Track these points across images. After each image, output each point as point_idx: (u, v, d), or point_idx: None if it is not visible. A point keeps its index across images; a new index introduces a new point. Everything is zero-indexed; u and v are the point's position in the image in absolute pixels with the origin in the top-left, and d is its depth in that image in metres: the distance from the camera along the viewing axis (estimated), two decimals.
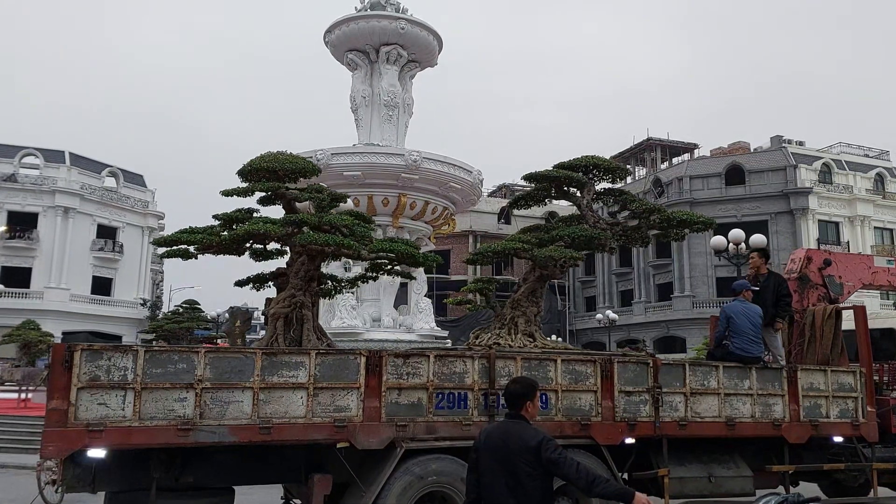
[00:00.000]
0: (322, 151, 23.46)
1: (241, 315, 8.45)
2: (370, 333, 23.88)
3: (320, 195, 7.20)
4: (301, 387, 5.92)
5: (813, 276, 9.44)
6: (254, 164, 7.16)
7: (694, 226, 8.31)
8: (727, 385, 7.52)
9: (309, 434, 5.91)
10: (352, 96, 28.08)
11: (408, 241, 7.15)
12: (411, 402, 6.24)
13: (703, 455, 7.54)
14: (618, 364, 6.99)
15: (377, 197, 23.89)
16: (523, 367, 6.62)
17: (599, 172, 8.48)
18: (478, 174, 25.53)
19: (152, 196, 49.01)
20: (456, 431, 6.28)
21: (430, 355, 6.32)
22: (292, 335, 6.93)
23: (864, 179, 44.90)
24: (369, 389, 6.08)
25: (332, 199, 7.39)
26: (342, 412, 6.01)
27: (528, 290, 8.17)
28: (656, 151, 55.01)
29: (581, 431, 6.77)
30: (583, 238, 7.86)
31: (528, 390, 4.09)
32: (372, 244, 6.85)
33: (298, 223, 6.59)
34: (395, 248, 6.79)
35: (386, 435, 6.09)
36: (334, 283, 7.66)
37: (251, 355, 5.85)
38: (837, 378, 8.13)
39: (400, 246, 6.81)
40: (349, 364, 6.09)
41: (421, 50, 27.70)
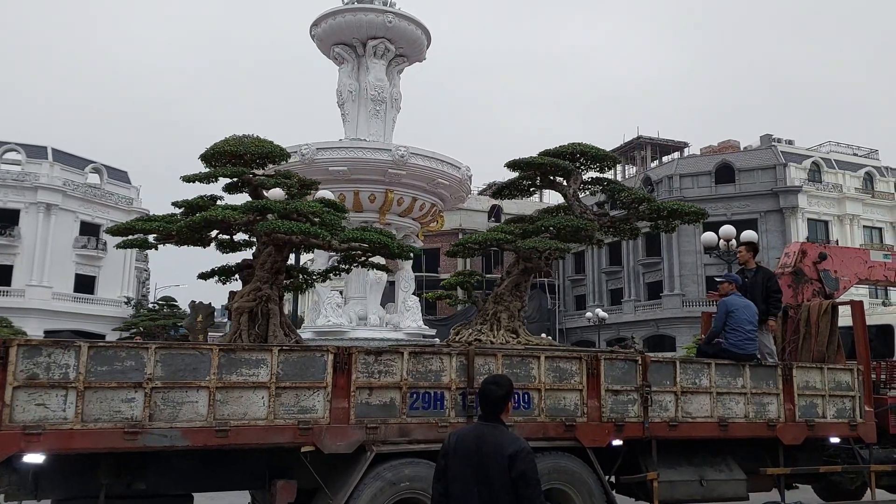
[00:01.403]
0: (307, 146, 23.00)
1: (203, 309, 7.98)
2: (356, 332, 23.42)
3: (289, 181, 6.74)
4: (262, 386, 5.48)
5: (808, 271, 9.08)
6: (217, 147, 6.70)
7: (685, 217, 7.91)
8: (720, 384, 7.14)
9: (270, 437, 5.47)
10: (338, 91, 27.62)
11: (382, 231, 6.71)
12: (383, 402, 5.81)
13: (694, 457, 7.16)
14: (605, 361, 6.59)
15: (363, 193, 23.44)
16: (504, 365, 6.21)
17: (586, 160, 8.06)
18: (466, 170, 25.12)
19: (137, 193, 48.26)
20: (431, 434, 5.85)
21: (403, 352, 5.89)
22: (257, 331, 6.49)
23: (853, 178, 44.83)
24: (337, 389, 5.65)
25: (302, 185, 6.93)
26: (307, 413, 5.57)
27: (511, 284, 7.74)
28: (646, 150, 54.79)
29: (566, 433, 6.35)
30: (569, 229, 7.44)
31: (510, 391, 3.68)
32: (343, 233, 6.39)
33: (262, 210, 6.14)
34: (368, 237, 6.34)
35: (355, 438, 5.65)
36: (304, 275, 7.20)
37: (207, 352, 5.40)
38: (834, 376, 7.76)
39: (373, 235, 6.36)
40: (315, 362, 5.65)
41: (409, 44, 27.24)
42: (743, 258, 8.59)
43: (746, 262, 8.51)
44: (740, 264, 8.59)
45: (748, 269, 8.41)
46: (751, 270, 8.35)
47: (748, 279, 8.10)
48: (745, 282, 8.01)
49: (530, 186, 8.17)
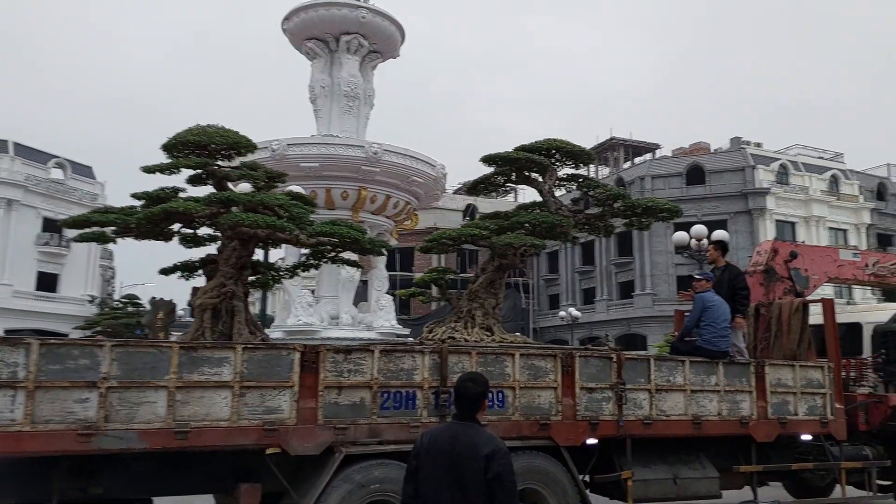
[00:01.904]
0: (277, 141, 22.59)
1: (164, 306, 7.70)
2: (328, 331, 23.07)
3: (255, 173, 6.50)
4: (225, 385, 5.25)
5: (779, 269, 9.09)
6: (180, 137, 6.44)
7: (659, 214, 7.84)
8: (694, 381, 7.08)
9: (233, 439, 5.24)
10: (310, 86, 27.21)
11: (353, 225, 6.50)
12: (353, 402, 5.62)
13: (668, 456, 7.09)
14: (579, 359, 6.47)
15: (336, 190, 23.10)
16: (479, 363, 6.06)
17: (562, 157, 7.95)
18: (441, 168, 24.93)
19: (102, 188, 47.20)
20: (403, 434, 5.67)
21: (374, 350, 5.71)
22: (221, 329, 6.25)
23: (819, 181, 45.56)
24: (304, 388, 5.44)
25: (269, 178, 6.69)
26: (273, 414, 5.36)
27: (486, 281, 7.60)
28: (619, 151, 55.19)
29: (540, 432, 6.23)
30: (544, 225, 7.32)
31: (486, 390, 3.53)
32: (311, 227, 6.18)
33: (226, 202, 5.89)
34: (337, 231, 6.12)
35: (323, 439, 5.45)
36: (271, 272, 6.97)
37: (166, 350, 5.16)
38: (805, 374, 7.76)
39: (343, 229, 6.16)
40: (282, 360, 5.44)
41: (383, 40, 26.96)
42: (712, 257, 8.59)
43: (715, 261, 8.51)
44: (710, 262, 8.58)
45: (717, 268, 8.41)
46: (720, 269, 8.35)
47: (716, 277, 8.09)
48: (714, 280, 8.00)
49: (506, 182, 8.04)
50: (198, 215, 5.93)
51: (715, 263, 8.49)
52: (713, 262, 8.51)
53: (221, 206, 5.93)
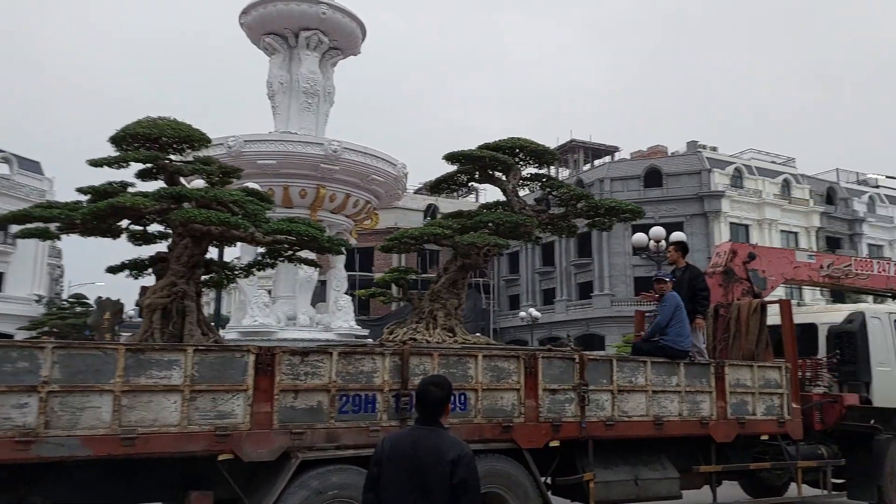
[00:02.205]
0: (234, 138, 22.11)
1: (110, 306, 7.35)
2: (284, 332, 22.68)
3: (209, 168, 6.24)
4: (175, 389, 5.00)
5: (738, 270, 9.18)
6: (129, 129, 6.14)
7: (622, 214, 7.82)
8: (655, 382, 7.06)
9: (183, 445, 5.00)
10: (269, 82, 26.72)
11: (311, 223, 6.29)
12: (310, 405, 5.42)
13: (629, 457, 7.06)
14: (542, 360, 6.39)
15: (294, 188, 22.73)
16: (441, 365, 5.92)
17: (526, 156, 7.87)
18: (402, 167, 24.72)
19: (50, 185, 45.62)
20: (362, 438, 5.50)
21: (332, 352, 5.52)
22: (172, 330, 5.98)
23: (772, 184, 46.71)
24: (259, 392, 5.22)
25: (224, 173, 6.44)
26: (226, 419, 5.13)
27: (448, 281, 7.46)
28: (579, 153, 55.69)
29: (502, 434, 6.12)
30: (508, 224, 7.22)
31: (449, 392, 3.40)
32: (267, 225, 5.95)
33: (177, 197, 5.63)
34: (294, 229, 5.91)
35: (278, 444, 5.24)
36: (225, 271, 6.70)
37: (112, 352, 4.88)
38: (764, 374, 7.82)
39: (301, 227, 5.94)
40: (235, 363, 5.21)
41: (343, 37, 26.62)
42: (672, 258, 8.63)
43: (676, 262, 8.54)
44: (670, 264, 8.61)
45: (678, 269, 8.45)
46: (680, 269, 8.39)
47: (676, 278, 8.13)
48: (674, 280, 8.03)
49: (468, 181, 7.92)
50: (147, 211, 5.65)
51: (676, 264, 8.53)
52: (674, 263, 8.55)
53: (172, 202, 5.66)
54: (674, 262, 8.59)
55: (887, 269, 10.03)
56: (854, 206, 49.81)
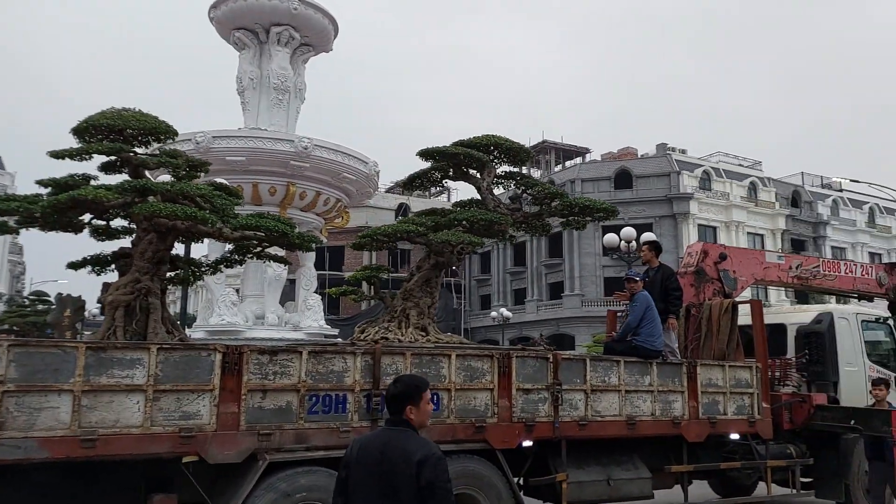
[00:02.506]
0: (202, 133, 21.67)
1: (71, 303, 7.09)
2: (252, 332, 22.28)
3: (175, 161, 6.04)
4: (138, 389, 4.83)
5: (709, 271, 9.22)
6: (92, 120, 5.91)
7: (596, 213, 7.79)
8: (628, 381, 7.05)
9: (146, 447, 4.82)
10: (238, 77, 26.27)
11: (280, 218, 6.13)
12: (279, 406, 5.27)
13: (602, 457, 7.03)
14: (516, 359, 6.32)
15: (263, 185, 22.37)
16: (413, 364, 5.81)
17: (501, 153, 7.79)
18: (374, 165, 24.49)
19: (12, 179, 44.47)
20: (332, 440, 5.37)
21: (302, 352, 5.37)
22: (135, 328, 5.77)
23: (739, 187, 47.47)
24: (226, 392, 5.07)
25: (191, 166, 6.24)
26: (191, 419, 4.96)
27: (421, 280, 7.35)
28: (551, 154, 55.96)
29: (475, 435, 6.03)
30: (482, 222, 7.13)
31: (410, 391, 3.28)
32: (235, 220, 5.77)
33: (142, 191, 5.43)
34: (263, 224, 5.74)
35: (245, 446, 5.09)
36: (191, 267, 6.50)
37: (72, 350, 4.69)
38: (735, 374, 7.87)
39: (270, 223, 5.78)
40: (201, 362, 5.04)
41: (315, 33, 26.30)
42: (646, 257, 8.62)
43: (650, 261, 8.54)
44: (643, 263, 8.61)
45: (651, 268, 8.45)
46: (653, 269, 8.40)
47: (649, 277, 8.13)
48: (646, 280, 8.03)
49: (443, 178, 7.81)
50: (109, 205, 5.44)
51: (649, 264, 8.53)
52: (647, 263, 8.55)
53: (136, 196, 5.46)
54: (647, 261, 8.59)
55: (854, 271, 10.18)
56: (818, 209, 50.87)
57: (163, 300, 6.08)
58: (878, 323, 9.56)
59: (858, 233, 51.70)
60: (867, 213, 53.77)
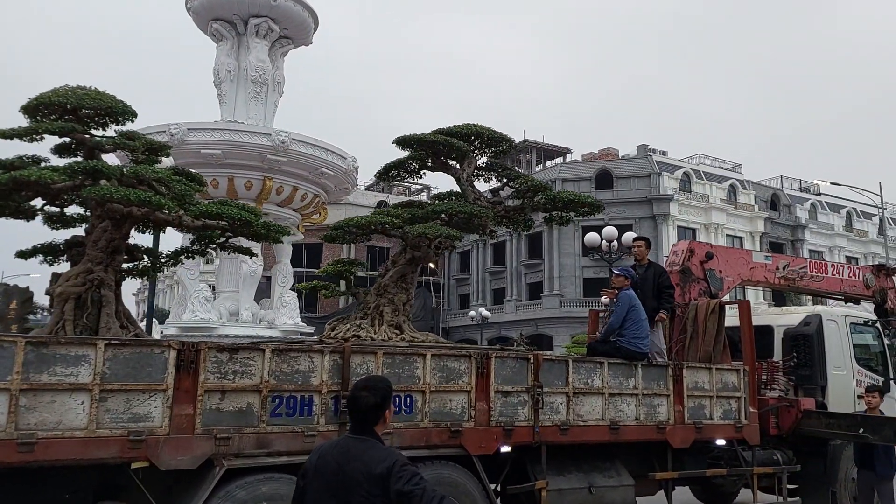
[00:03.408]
0: (177, 125, 21.18)
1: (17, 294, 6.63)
2: (226, 329, 21.86)
3: (132, 143, 5.60)
4: (82, 388, 4.41)
5: (695, 270, 8.96)
6: (43, 98, 5.46)
7: (581, 208, 7.46)
8: (612, 384, 6.73)
9: (91, 452, 4.40)
10: (215, 69, 25.77)
11: (245, 206, 5.72)
12: (238, 408, 4.87)
13: (583, 463, 6.71)
14: (495, 360, 5.97)
15: (239, 179, 21.93)
16: (385, 364, 5.44)
17: (482, 144, 7.44)
18: (352, 161, 24.11)
19: None
20: (296, 444, 4.98)
21: (265, 349, 4.98)
22: (86, 322, 5.34)
23: (718, 189, 47.66)
24: (180, 392, 4.66)
25: (150, 149, 5.80)
26: (141, 422, 4.55)
27: (397, 275, 6.97)
28: (531, 154, 55.79)
29: (451, 440, 5.67)
30: (462, 215, 6.77)
31: (386, 399, 2.92)
32: (196, 207, 5.35)
33: (92, 173, 5.00)
34: (226, 212, 5.32)
35: (201, 451, 4.68)
36: (150, 258, 6.07)
37: (10, 345, 4.26)
38: (722, 377, 7.59)
39: (232, 210, 5.35)
40: (153, 359, 4.63)
41: (294, 26, 25.87)
42: (641, 252, 8.35)
43: (643, 257, 8.28)
44: (636, 259, 8.31)
45: (640, 265, 8.18)
46: (643, 266, 8.13)
47: (639, 274, 7.85)
48: (637, 277, 7.76)
49: (420, 168, 7.43)
50: (57, 188, 4.99)
51: (641, 260, 8.28)
52: (640, 258, 8.28)
53: (86, 178, 5.02)
54: (641, 257, 8.33)
55: (841, 272, 9.98)
56: (797, 212, 51.26)
57: (117, 292, 5.65)
58: (866, 326, 9.35)
59: (836, 236, 52.17)
60: (845, 218, 54.31)
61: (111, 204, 5.14)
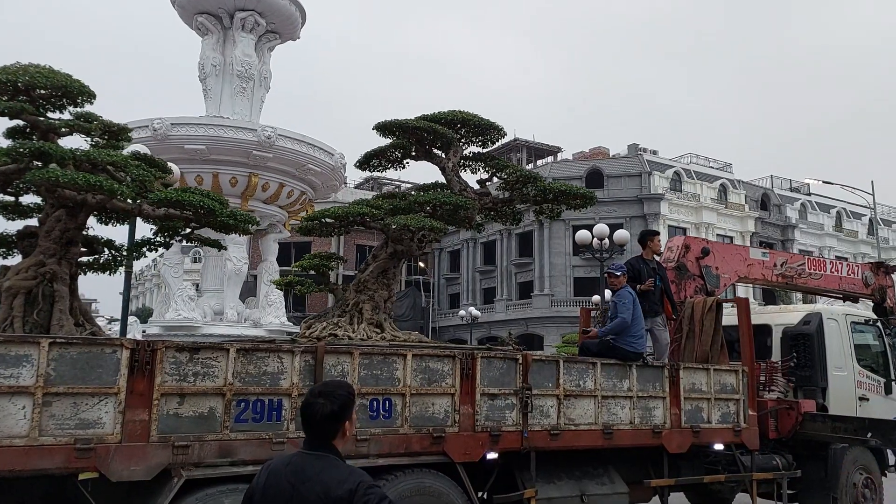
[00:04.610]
0: (160, 120, 20.73)
1: None
2: (210, 328, 21.42)
3: (88, 125, 5.17)
4: (24, 392, 3.98)
5: (690, 266, 8.61)
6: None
7: (573, 200, 7.07)
8: (605, 386, 6.36)
9: (33, 462, 3.97)
10: (200, 64, 25.33)
11: (209, 193, 5.28)
12: (199, 413, 4.46)
13: (574, 470, 6.33)
14: (481, 360, 5.58)
15: (224, 175, 21.51)
16: (362, 365, 5.04)
17: (469, 132, 7.04)
18: (340, 157, 23.71)
19: None
20: (263, 453, 4.57)
21: (229, 349, 4.56)
22: (37, 318, 4.91)
23: (709, 189, 47.50)
24: (134, 396, 4.24)
25: (110, 133, 5.37)
26: (90, 429, 4.13)
27: (377, 270, 6.57)
28: (522, 153, 55.47)
29: (433, 446, 5.28)
30: (447, 207, 6.37)
31: (346, 407, 2.51)
32: (154, 195, 4.91)
33: (38, 155, 4.57)
34: (188, 199, 4.89)
35: (156, 460, 4.26)
36: (111, 250, 5.63)
37: None
38: (720, 378, 7.23)
39: (195, 197, 4.93)
40: (104, 360, 4.21)
41: (281, 20, 25.47)
42: (657, 247, 8.07)
43: (655, 252, 8.00)
44: (656, 252, 7.99)
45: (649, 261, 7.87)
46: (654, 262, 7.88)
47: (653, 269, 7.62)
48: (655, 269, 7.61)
49: (403, 157, 7.02)
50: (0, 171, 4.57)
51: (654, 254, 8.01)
52: (656, 253, 7.99)
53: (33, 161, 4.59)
54: (656, 252, 8.05)
55: (840, 270, 9.66)
56: (787, 212, 51.19)
57: (73, 287, 5.22)
58: (867, 325, 9.03)
59: (826, 236, 52.14)
60: (835, 218, 54.31)
61: (63, 190, 4.72)
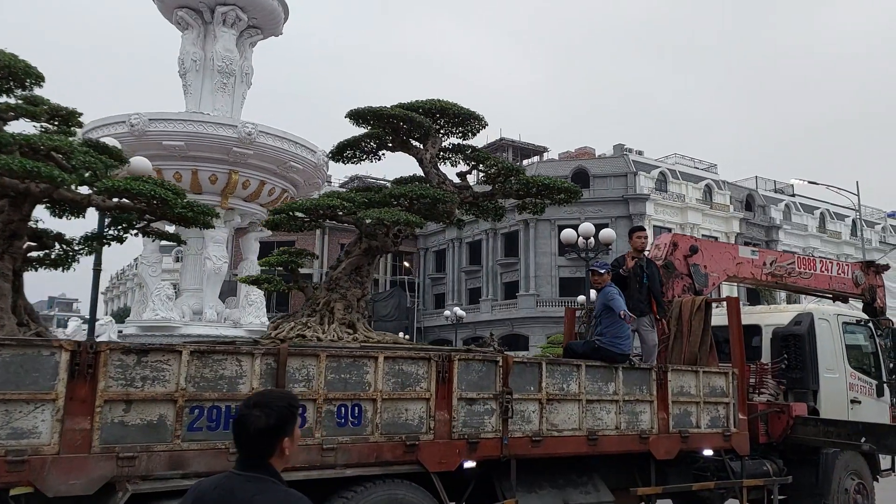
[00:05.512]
0: (137, 115, 20.26)
1: None
2: (189, 328, 20.94)
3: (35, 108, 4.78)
4: None
5: (678, 265, 8.31)
6: None
7: (557, 193, 6.75)
8: (590, 389, 6.04)
9: None
10: (180, 59, 24.85)
11: (163, 182, 4.90)
12: (147, 420, 4.08)
13: (557, 478, 6.01)
14: (459, 362, 5.24)
15: (203, 172, 21.05)
16: (330, 368, 4.68)
17: (448, 122, 6.70)
18: (322, 154, 23.29)
19: None
20: (219, 464, 4.20)
21: (182, 351, 4.19)
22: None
23: (694, 189, 47.52)
24: (74, 403, 3.86)
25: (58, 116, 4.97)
26: (23, 438, 3.75)
27: (350, 267, 6.21)
28: (508, 152, 55.25)
29: (406, 455, 4.93)
30: (425, 200, 6.02)
31: (287, 421, 2.16)
32: (102, 183, 4.53)
33: None
34: (139, 189, 4.50)
35: (99, 472, 3.88)
36: (62, 244, 5.23)
37: None
38: (709, 381, 6.94)
39: (146, 186, 4.53)
40: (41, 363, 3.82)
41: (263, 15, 25.05)
42: (643, 244, 7.72)
43: (643, 249, 7.67)
44: (639, 250, 7.63)
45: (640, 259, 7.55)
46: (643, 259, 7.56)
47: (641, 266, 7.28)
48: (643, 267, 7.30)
49: (379, 148, 6.65)
50: None
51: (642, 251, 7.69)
52: (642, 250, 7.66)
53: None
54: (642, 249, 7.74)
55: (830, 269, 9.42)
56: (771, 213, 51.33)
57: (17, 284, 4.83)
58: (858, 325, 8.79)
59: (810, 237, 52.34)
60: (818, 219, 54.54)
61: (3, 178, 4.32)
